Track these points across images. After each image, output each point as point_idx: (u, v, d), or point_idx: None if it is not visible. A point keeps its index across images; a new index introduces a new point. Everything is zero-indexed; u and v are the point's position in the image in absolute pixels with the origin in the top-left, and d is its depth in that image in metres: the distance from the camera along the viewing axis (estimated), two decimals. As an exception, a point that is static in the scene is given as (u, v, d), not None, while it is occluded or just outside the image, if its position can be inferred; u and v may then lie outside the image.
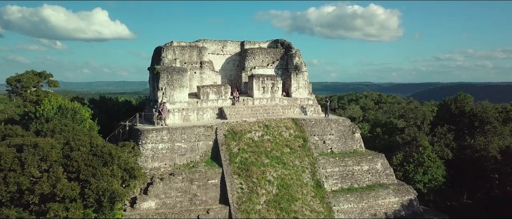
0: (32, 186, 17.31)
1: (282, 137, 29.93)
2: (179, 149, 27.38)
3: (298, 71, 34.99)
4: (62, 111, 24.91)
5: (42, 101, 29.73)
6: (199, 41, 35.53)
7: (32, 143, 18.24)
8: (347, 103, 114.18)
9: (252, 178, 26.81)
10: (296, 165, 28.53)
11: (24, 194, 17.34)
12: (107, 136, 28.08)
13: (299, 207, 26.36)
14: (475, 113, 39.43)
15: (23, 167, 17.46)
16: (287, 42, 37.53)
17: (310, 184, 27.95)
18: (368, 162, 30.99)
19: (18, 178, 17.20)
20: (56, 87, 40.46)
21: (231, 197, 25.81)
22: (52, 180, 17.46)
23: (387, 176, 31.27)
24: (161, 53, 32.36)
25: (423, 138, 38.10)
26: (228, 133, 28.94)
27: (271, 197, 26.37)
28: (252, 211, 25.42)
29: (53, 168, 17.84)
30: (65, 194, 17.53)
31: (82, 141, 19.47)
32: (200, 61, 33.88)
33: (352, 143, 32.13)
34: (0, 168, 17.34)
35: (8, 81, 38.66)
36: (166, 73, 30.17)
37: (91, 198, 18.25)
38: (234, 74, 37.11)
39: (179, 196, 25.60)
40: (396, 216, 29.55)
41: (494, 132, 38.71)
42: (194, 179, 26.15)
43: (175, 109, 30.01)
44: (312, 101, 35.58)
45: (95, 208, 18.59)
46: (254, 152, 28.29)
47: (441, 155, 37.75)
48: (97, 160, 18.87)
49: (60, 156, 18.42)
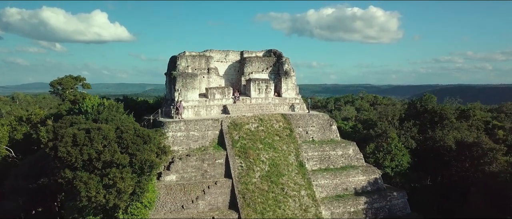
0: (98, 156, 25.63)
1: (273, 128, 38.32)
2: (193, 136, 35.76)
3: (287, 75, 43.43)
4: (105, 106, 33.23)
5: (79, 100, 38.11)
6: (206, 51, 43.91)
7: (96, 127, 26.59)
8: (343, 104, 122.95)
9: (249, 159, 35.18)
10: (284, 149, 36.92)
11: (92, 161, 25.65)
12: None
13: (286, 181, 34.76)
14: (435, 110, 47.89)
15: (91, 143, 25.77)
16: (278, 51, 45.95)
17: (295, 164, 36.33)
18: (342, 148, 39.41)
19: (89, 150, 25.52)
20: (88, 89, 48.97)
21: (233, 172, 34.15)
22: (111, 152, 25.78)
23: (357, 160, 39.66)
24: (176, 61, 40.73)
25: (392, 131, 46.51)
26: (231, 125, 37.31)
27: (264, 173, 34.76)
28: (249, 183, 33.81)
29: (111, 144, 26.16)
30: (119, 162, 25.84)
31: (128, 126, 27.83)
32: (207, 68, 42.31)
33: (329, 133, 40.56)
34: (76, 143, 25.65)
35: (51, 84, 47.17)
36: (181, 78, 38.60)
37: (136, 165, 26.59)
38: (235, 78, 45.48)
39: (193, 171, 33.96)
40: (363, 190, 37.88)
41: (450, 126, 47.14)
42: (205, 159, 34.52)
43: (188, 106, 38.42)
44: (299, 100, 43.99)
45: (138, 173, 26.90)
46: (251, 139, 36.66)
47: (406, 145, 46.18)
48: (139, 140, 27.20)
49: (115, 136, 26.76)
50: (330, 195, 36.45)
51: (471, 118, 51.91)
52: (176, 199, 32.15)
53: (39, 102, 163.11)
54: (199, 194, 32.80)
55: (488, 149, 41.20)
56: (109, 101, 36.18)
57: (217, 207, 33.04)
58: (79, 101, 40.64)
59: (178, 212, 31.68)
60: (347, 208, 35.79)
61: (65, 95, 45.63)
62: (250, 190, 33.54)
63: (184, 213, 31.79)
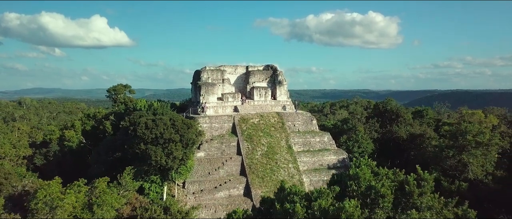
0: (161, 135, 42.71)
1: (270, 122, 55.50)
2: (214, 127, 52.90)
3: (281, 84, 60.74)
4: (156, 106, 50.34)
5: (132, 102, 55.19)
6: (221, 66, 61.15)
7: (159, 118, 43.75)
8: (338, 109, 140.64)
9: (253, 142, 52.31)
10: (277, 136, 54.07)
11: (157, 138, 42.73)
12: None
13: (278, 157, 51.90)
14: (393, 110, 65.15)
15: (156, 127, 42.83)
16: (274, 66, 63.29)
17: (285, 146, 53.44)
18: (319, 136, 56.60)
19: (155, 131, 42.59)
20: (132, 94, 66.31)
21: (242, 151, 51.23)
22: (169, 133, 42.91)
23: (330, 145, 56.81)
24: (200, 73, 57.99)
25: (359, 125, 63.71)
26: (240, 119, 54.43)
27: (263, 152, 51.88)
28: (253, 158, 50.91)
29: (168, 128, 43.27)
30: (174, 139, 42.94)
31: (177, 117, 45.01)
32: (222, 79, 59.57)
33: (310, 126, 57.78)
34: (147, 127, 42.73)
35: (108, 90, 64.56)
36: (204, 86, 55.85)
37: (184, 142, 43.70)
38: (242, 86, 62.68)
39: (215, 150, 51.05)
40: (334, 166, 54.85)
41: (404, 122, 64.34)
42: (223, 142, 51.63)
43: (210, 106, 55.61)
44: (289, 102, 61.25)
45: (185, 146, 43.98)
46: (254, 129, 53.80)
47: (371, 136, 63.30)
48: (185, 126, 44.32)
49: (170, 123, 43.88)
50: (310, 168, 53.51)
51: (425, 117, 69.14)
52: (205, 168, 49.30)
53: (46, 107, 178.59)
54: (219, 165, 49.91)
55: (427, 138, 58.26)
56: (156, 103, 53.40)
57: (232, 174, 50.12)
58: (127, 102, 57.90)
59: (206, 176, 48.79)
60: (321, 177, 52.77)
61: (118, 99, 62.79)
62: (254, 163, 50.67)
63: (210, 177, 48.90)
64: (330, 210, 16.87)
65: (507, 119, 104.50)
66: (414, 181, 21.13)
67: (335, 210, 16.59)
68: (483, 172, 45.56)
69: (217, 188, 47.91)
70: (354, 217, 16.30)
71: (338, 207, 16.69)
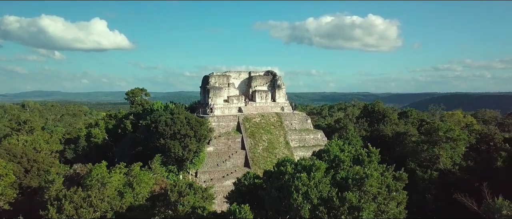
0: (178, 131, 51.43)
1: (270, 121, 64.28)
2: (222, 126, 61.68)
3: (279, 88, 69.56)
4: (171, 107, 59.07)
5: (149, 104, 63.95)
6: (226, 72, 69.98)
7: (176, 117, 52.50)
8: (336, 111, 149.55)
9: (255, 138, 61.08)
10: (276, 134, 62.85)
11: (175, 134, 51.45)
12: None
13: (277, 152, 60.68)
14: (380, 111, 73.96)
15: (175, 124, 51.57)
16: (274, 71, 72.17)
17: (283, 142, 62.20)
18: (313, 134, 65.38)
19: (173, 128, 51.35)
20: (148, 96, 75.15)
21: (246, 146, 59.98)
22: (185, 129, 51.67)
23: (323, 141, 65.46)
24: (208, 78, 66.84)
25: (350, 125, 72.47)
26: (244, 119, 63.20)
27: (264, 147, 60.64)
28: (256, 152, 59.68)
29: (184, 125, 52.02)
30: (189, 134, 51.71)
31: (191, 116, 53.81)
32: (228, 83, 68.40)
33: (306, 125, 66.58)
34: (167, 124, 51.49)
35: (126, 93, 73.43)
36: (212, 89, 64.70)
37: (197, 137, 52.46)
38: (245, 90, 71.48)
39: (223, 145, 59.81)
40: (326, 159, 63.54)
41: (390, 122, 73.12)
42: (229, 138, 60.40)
43: (217, 107, 64.43)
44: (287, 104, 70.09)
45: (198, 141, 52.71)
46: (256, 128, 62.58)
47: (360, 134, 72.00)
48: (198, 123, 53.11)
49: (185, 121, 52.64)
50: (305, 161, 62.14)
51: (409, 117, 77.98)
52: (214, 160, 58.07)
53: (50, 110, 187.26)
54: (226, 158, 58.67)
55: (408, 135, 67.01)
56: (171, 104, 62.21)
57: (237, 166, 58.85)
58: (143, 104, 66.74)
59: (215, 167, 57.55)
60: (315, 169, 61.49)
61: (135, 101, 71.57)
62: (256, 156, 59.43)
63: (218, 168, 57.65)
64: (307, 165, 26.11)
65: (497, 120, 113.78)
66: (365, 153, 30.02)
67: (310, 165, 25.95)
68: (451, 163, 54.20)
69: (224, 177, 56.62)
70: (321, 168, 25.59)
71: (312, 163, 26.04)
